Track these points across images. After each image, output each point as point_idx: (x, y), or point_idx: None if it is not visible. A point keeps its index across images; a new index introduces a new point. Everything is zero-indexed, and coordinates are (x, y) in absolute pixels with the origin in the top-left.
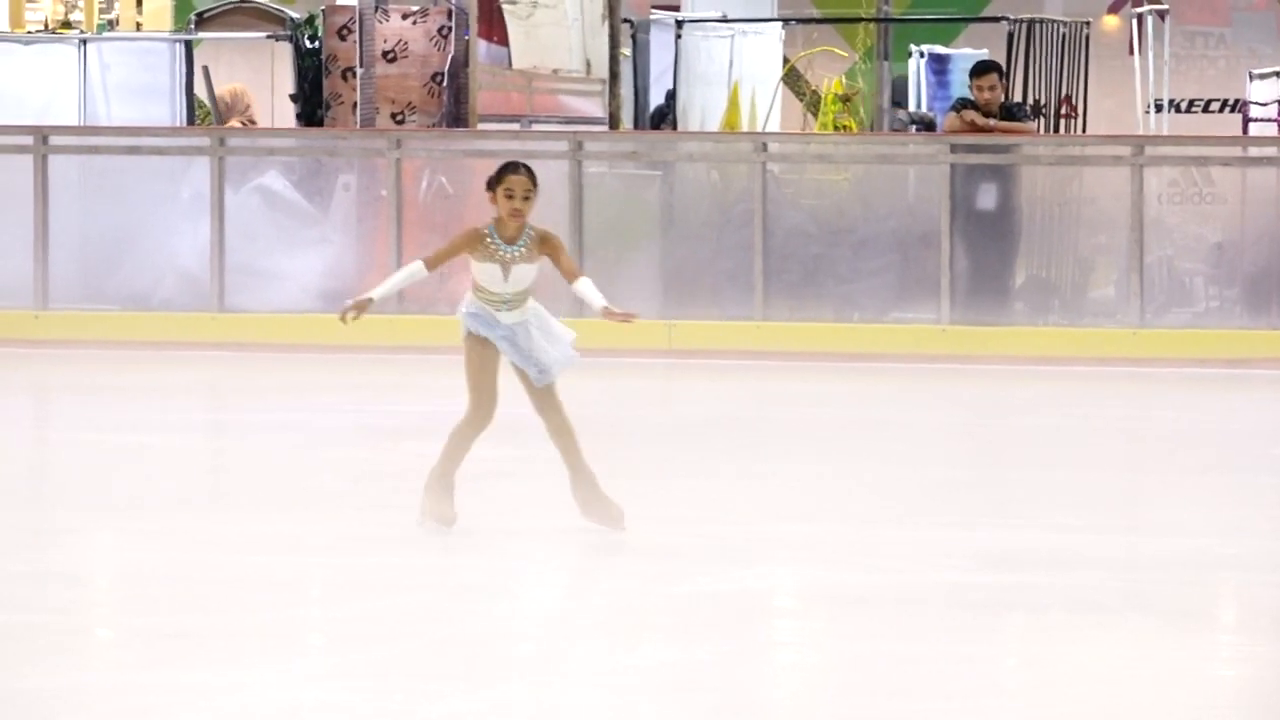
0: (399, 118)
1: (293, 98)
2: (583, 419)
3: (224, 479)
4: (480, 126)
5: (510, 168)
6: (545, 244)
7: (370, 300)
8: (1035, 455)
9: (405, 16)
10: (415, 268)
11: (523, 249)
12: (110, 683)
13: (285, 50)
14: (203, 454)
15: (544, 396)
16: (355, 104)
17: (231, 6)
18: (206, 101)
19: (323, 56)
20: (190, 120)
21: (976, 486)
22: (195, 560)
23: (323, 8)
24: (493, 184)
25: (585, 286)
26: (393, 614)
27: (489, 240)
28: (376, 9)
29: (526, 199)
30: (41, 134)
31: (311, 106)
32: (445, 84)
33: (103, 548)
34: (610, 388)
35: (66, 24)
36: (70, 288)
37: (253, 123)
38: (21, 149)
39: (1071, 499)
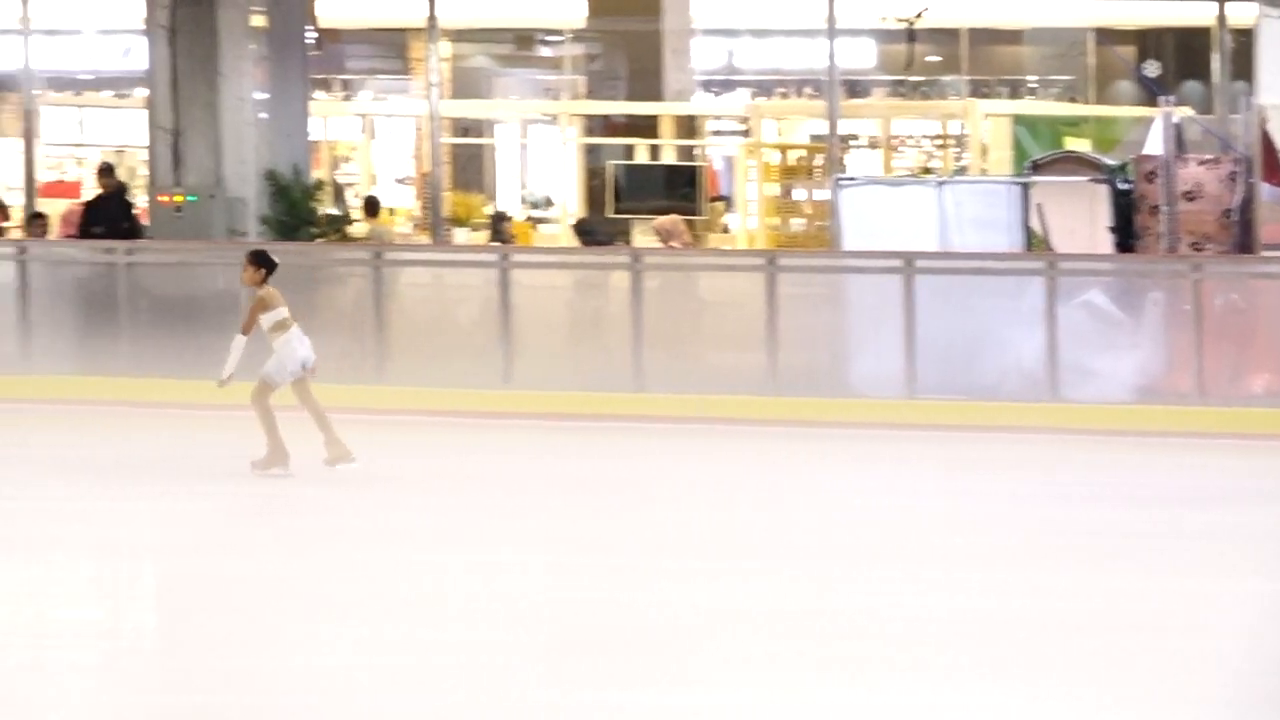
0: (1197, 246)
1: (1110, 229)
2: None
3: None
4: (1264, 254)
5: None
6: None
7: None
8: None
9: (1201, 163)
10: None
11: None
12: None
13: (1104, 191)
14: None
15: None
16: (1160, 235)
17: (1062, 155)
18: (1039, 232)
19: (1134, 196)
20: (1027, 247)
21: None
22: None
23: (1133, 156)
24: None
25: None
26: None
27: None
28: (1177, 157)
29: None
30: (908, 258)
31: (1125, 237)
32: (1235, 219)
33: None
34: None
35: (927, 170)
36: (933, 381)
37: (687, 245)
38: (893, 270)
39: None
